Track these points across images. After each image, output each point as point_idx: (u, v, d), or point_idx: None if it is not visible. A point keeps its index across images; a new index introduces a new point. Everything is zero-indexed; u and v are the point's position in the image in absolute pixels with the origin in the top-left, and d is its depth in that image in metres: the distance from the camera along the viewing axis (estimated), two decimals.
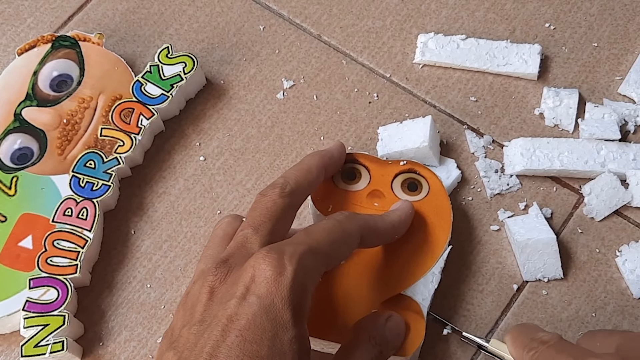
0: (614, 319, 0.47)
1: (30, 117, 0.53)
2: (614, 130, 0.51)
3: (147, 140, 0.54)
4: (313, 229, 0.38)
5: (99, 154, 0.51)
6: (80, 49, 0.55)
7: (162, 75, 0.54)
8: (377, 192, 0.48)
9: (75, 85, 0.54)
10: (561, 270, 0.48)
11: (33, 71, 0.55)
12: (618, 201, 0.50)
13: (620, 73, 0.55)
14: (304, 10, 0.59)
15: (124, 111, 0.53)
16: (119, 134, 0.52)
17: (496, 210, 0.51)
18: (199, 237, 0.52)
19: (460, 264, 0.49)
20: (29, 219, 0.50)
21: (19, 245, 0.49)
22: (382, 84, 0.56)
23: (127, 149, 0.52)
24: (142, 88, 0.53)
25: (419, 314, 0.44)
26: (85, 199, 0.50)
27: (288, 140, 0.54)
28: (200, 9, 0.59)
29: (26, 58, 0.55)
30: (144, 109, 0.53)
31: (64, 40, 0.55)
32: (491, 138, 0.53)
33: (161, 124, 0.55)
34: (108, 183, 0.51)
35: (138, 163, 0.54)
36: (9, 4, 0.61)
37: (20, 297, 0.47)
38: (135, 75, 0.54)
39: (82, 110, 0.53)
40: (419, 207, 0.47)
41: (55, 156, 0.52)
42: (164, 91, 0.53)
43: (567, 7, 0.58)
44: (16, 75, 0.55)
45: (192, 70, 0.54)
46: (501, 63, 0.55)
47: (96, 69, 0.55)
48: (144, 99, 0.53)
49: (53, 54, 0.55)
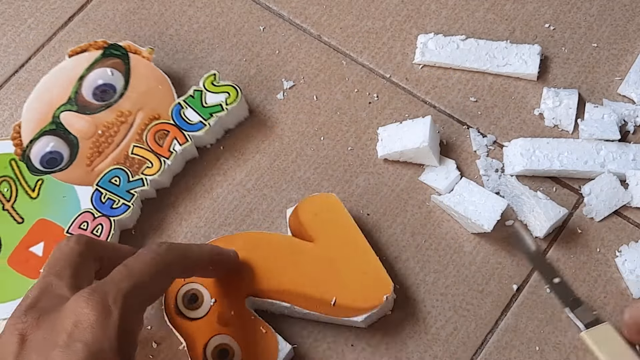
0: (614, 319, 0.47)
1: (67, 121, 0.53)
2: (613, 131, 0.51)
3: (178, 166, 0.53)
4: (133, 263, 0.37)
5: (125, 172, 0.51)
6: (129, 61, 0.54)
7: (204, 102, 0.52)
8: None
9: (117, 97, 0.53)
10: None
11: (79, 76, 0.54)
12: (618, 201, 0.50)
13: (620, 73, 0.55)
14: (304, 11, 0.59)
15: (159, 132, 0.52)
16: (149, 155, 0.51)
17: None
18: (199, 237, 0.52)
19: (460, 264, 0.49)
20: (45, 225, 0.50)
21: (30, 250, 0.49)
22: (382, 85, 0.56)
23: (154, 171, 0.51)
24: (182, 112, 0.52)
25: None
26: (103, 215, 0.49)
27: (288, 140, 0.54)
28: (201, 10, 0.59)
29: (75, 61, 0.55)
30: (179, 134, 0.51)
31: (115, 49, 0.55)
32: (494, 137, 0.53)
33: (195, 150, 0.53)
34: (129, 203, 0.50)
35: (164, 186, 0.53)
36: (10, 5, 0.61)
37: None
38: (177, 97, 0.53)
39: (118, 124, 0.52)
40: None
41: (84, 166, 0.52)
42: (203, 119, 0.52)
43: (567, 7, 0.58)
44: (62, 77, 0.54)
45: (235, 102, 0.52)
46: (501, 63, 0.55)
47: (141, 84, 0.54)
48: (181, 124, 0.52)
49: (102, 62, 0.54)
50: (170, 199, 0.53)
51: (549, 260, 0.47)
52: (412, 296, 0.49)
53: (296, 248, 0.48)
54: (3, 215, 0.51)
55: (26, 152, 0.52)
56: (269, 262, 0.47)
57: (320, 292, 0.46)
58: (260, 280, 0.46)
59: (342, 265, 0.47)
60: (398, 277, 0.49)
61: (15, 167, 0.52)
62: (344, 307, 0.46)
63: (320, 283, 0.46)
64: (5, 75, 0.58)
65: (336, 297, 0.46)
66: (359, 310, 0.45)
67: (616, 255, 0.49)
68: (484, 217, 0.48)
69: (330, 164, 0.53)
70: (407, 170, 0.53)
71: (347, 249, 0.47)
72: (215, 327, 0.45)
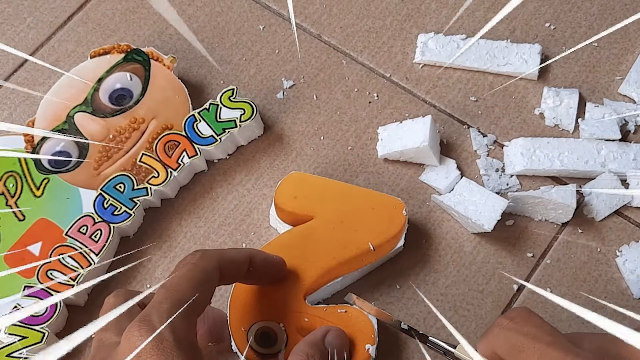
0: (613, 319, 0.47)
1: (80, 123, 0.52)
2: (614, 130, 0.51)
3: (185, 178, 0.52)
4: (169, 281, 0.37)
5: (131, 179, 0.50)
6: (150, 68, 0.54)
7: (219, 117, 0.52)
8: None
9: (132, 103, 0.53)
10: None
11: (98, 78, 0.54)
12: (618, 201, 0.50)
13: (621, 73, 0.55)
14: (303, 10, 0.59)
15: (169, 143, 0.51)
16: (156, 165, 0.51)
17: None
18: (199, 237, 0.51)
19: (460, 264, 0.49)
20: (45, 225, 0.50)
21: (27, 248, 0.49)
22: (382, 84, 0.56)
23: (159, 181, 0.50)
24: (195, 125, 0.51)
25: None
26: (104, 220, 0.49)
27: (288, 140, 0.54)
28: (200, 9, 0.59)
29: (96, 62, 0.54)
30: (189, 146, 0.51)
31: (137, 54, 0.54)
32: (494, 137, 0.53)
33: (204, 163, 0.53)
34: (130, 211, 0.49)
35: (169, 197, 0.52)
36: (9, 4, 0.61)
37: (12, 300, 0.47)
38: (192, 109, 0.53)
39: (130, 130, 0.52)
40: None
41: (90, 169, 0.51)
42: (215, 134, 0.51)
43: (567, 7, 0.58)
44: (82, 77, 0.54)
45: (249, 119, 0.51)
46: (501, 63, 0.55)
47: (158, 92, 0.53)
48: (192, 136, 0.51)
49: (122, 66, 0.54)
50: (174, 209, 0.52)
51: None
52: (412, 296, 0.49)
53: (306, 232, 0.48)
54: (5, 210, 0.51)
55: (36, 150, 0.52)
56: (297, 259, 0.47)
57: (354, 249, 0.47)
58: (303, 278, 0.46)
59: (351, 216, 0.48)
60: (398, 277, 0.49)
61: (23, 164, 0.52)
62: (383, 243, 0.47)
63: (348, 243, 0.47)
64: (4, 75, 0.58)
65: (370, 242, 0.47)
66: (395, 236, 0.47)
67: (617, 255, 0.49)
68: (484, 217, 0.48)
69: (330, 164, 0.53)
70: (407, 169, 0.53)
71: (343, 201, 0.48)
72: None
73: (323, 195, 0.49)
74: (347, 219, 0.47)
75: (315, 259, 0.46)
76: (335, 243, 0.47)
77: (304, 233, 0.48)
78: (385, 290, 0.49)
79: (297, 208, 0.48)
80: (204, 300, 0.38)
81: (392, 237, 0.47)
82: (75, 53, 0.58)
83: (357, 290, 0.49)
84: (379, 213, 0.48)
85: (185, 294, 0.36)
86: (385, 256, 0.48)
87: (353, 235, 0.47)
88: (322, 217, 0.48)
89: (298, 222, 0.48)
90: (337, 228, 0.47)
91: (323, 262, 0.46)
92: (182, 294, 0.36)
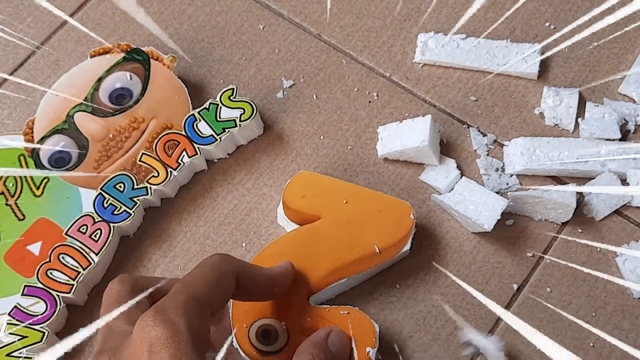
0: (614, 319, 0.47)
1: (80, 122, 0.52)
2: (614, 130, 0.51)
3: (185, 177, 0.52)
4: (188, 278, 0.38)
5: (131, 179, 0.50)
6: (150, 67, 0.54)
7: (219, 116, 0.52)
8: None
9: (132, 103, 0.53)
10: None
11: (98, 77, 0.54)
12: (618, 201, 0.50)
13: (621, 73, 0.55)
14: (303, 10, 0.59)
15: (169, 142, 0.51)
16: (156, 164, 0.51)
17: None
18: (199, 237, 0.51)
19: (460, 263, 0.49)
20: (45, 224, 0.50)
21: (27, 248, 0.49)
22: (382, 84, 0.56)
23: (159, 181, 0.50)
24: (195, 124, 0.52)
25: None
26: (103, 220, 0.49)
27: (288, 140, 0.54)
28: (200, 9, 0.59)
29: (96, 62, 0.54)
30: (189, 146, 0.51)
31: (137, 54, 0.54)
32: (494, 137, 0.53)
33: (204, 163, 0.53)
34: (130, 211, 0.49)
35: (169, 196, 0.53)
36: (9, 3, 0.61)
37: (12, 300, 0.47)
38: (192, 108, 0.53)
39: (130, 130, 0.52)
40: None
41: (90, 169, 0.51)
42: (215, 133, 0.51)
43: (567, 6, 0.57)
44: (81, 77, 0.54)
45: (249, 119, 0.51)
46: (501, 62, 0.54)
47: (157, 92, 0.53)
48: (192, 136, 0.51)
49: (122, 65, 0.54)
50: (174, 208, 0.52)
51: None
52: (412, 296, 0.49)
53: (313, 232, 0.47)
54: (5, 210, 0.51)
55: (36, 149, 0.52)
56: (303, 258, 0.46)
57: (361, 250, 0.47)
58: (308, 278, 0.46)
59: (359, 217, 0.47)
60: (398, 277, 0.49)
61: (23, 163, 0.52)
62: (389, 246, 0.47)
63: (354, 244, 0.47)
64: (5, 73, 0.58)
65: (376, 244, 0.47)
66: (401, 240, 0.47)
67: (617, 254, 0.49)
68: (484, 217, 0.48)
69: (330, 163, 0.53)
70: (407, 169, 0.53)
71: (351, 202, 0.48)
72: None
73: (331, 195, 0.48)
74: (355, 221, 0.47)
75: (320, 259, 0.46)
76: (342, 244, 0.47)
77: (310, 232, 0.47)
78: (385, 290, 0.49)
79: (305, 207, 0.48)
80: (219, 300, 0.39)
81: (399, 241, 0.47)
82: (75, 52, 0.58)
83: (358, 290, 0.49)
84: (386, 216, 0.48)
85: (200, 290, 0.37)
86: (390, 260, 0.48)
87: (360, 236, 0.47)
88: (329, 217, 0.48)
89: (305, 221, 0.48)
90: (343, 229, 0.47)
91: (328, 263, 0.46)
92: (197, 290, 0.37)
